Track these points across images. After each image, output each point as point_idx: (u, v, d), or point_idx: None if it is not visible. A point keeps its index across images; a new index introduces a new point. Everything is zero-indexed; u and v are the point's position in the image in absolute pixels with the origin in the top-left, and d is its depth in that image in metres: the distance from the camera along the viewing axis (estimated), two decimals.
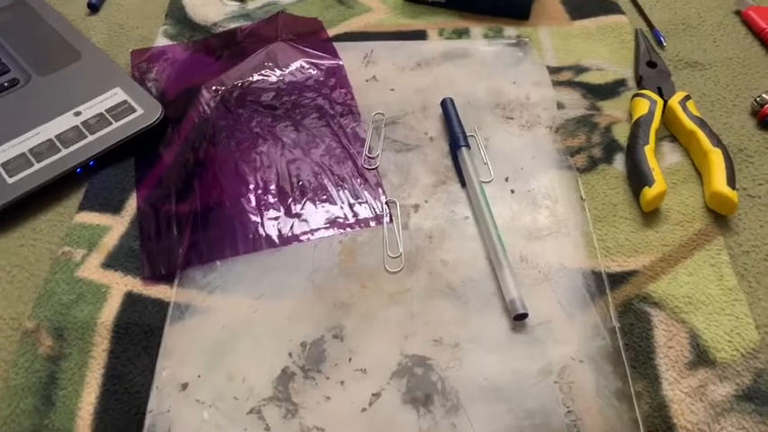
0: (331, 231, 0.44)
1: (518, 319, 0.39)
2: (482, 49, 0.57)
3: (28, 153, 0.47)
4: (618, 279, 0.41)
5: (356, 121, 0.51)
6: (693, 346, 0.38)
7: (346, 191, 0.47)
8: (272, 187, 0.47)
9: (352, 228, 0.44)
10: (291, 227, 0.44)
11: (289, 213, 0.45)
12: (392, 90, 0.54)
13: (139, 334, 0.40)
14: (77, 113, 0.50)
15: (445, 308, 0.40)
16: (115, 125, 0.49)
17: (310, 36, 0.58)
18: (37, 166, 0.47)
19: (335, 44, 0.57)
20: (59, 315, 0.40)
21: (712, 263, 0.42)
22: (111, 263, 0.43)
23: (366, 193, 0.46)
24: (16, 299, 0.42)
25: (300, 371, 0.38)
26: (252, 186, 0.47)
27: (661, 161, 0.48)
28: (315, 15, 0.61)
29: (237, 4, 0.63)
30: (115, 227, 0.45)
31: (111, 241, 0.44)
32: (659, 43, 0.57)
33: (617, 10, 0.61)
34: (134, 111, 0.50)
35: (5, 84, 0.53)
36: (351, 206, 0.46)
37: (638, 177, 0.45)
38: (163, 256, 0.43)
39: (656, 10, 0.61)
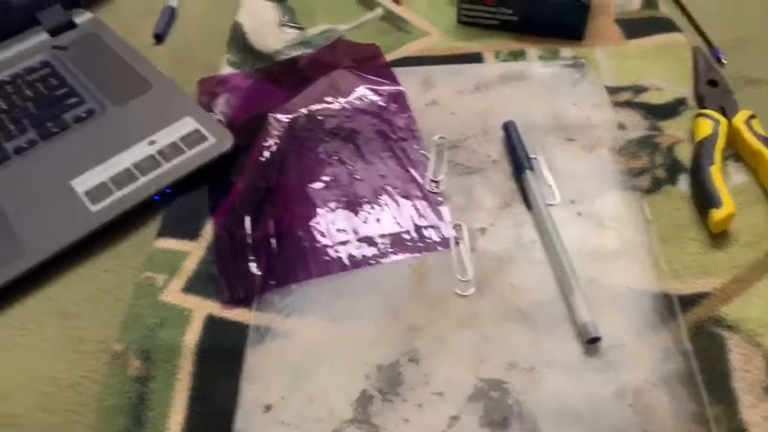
0: (400, 255, 0.45)
1: (591, 343, 0.40)
2: (539, 71, 0.58)
3: (108, 182, 0.50)
4: (688, 301, 0.42)
5: (418, 146, 0.52)
6: None
7: (412, 214, 0.48)
8: (341, 211, 0.48)
9: (420, 251, 0.46)
10: (361, 250, 0.46)
11: (357, 237, 0.47)
12: (452, 114, 0.55)
13: (222, 356, 0.41)
14: (152, 142, 0.52)
15: (517, 331, 0.41)
16: (188, 153, 0.51)
17: (369, 62, 0.59)
18: (117, 194, 0.49)
19: (394, 69, 0.59)
20: (146, 338, 0.42)
21: None
22: (192, 287, 0.45)
23: (432, 216, 0.48)
24: (103, 322, 0.44)
25: (378, 393, 0.39)
26: (321, 211, 0.48)
27: (726, 181, 0.48)
28: (372, 41, 0.62)
29: (296, 31, 0.65)
30: (193, 252, 0.47)
31: (190, 266, 0.46)
32: (718, 61, 0.57)
33: (673, 28, 0.61)
34: (206, 139, 0.52)
35: (83, 114, 0.56)
36: (417, 229, 0.47)
37: (704, 198, 0.45)
38: (240, 280, 0.45)
39: (712, 27, 0.61)
